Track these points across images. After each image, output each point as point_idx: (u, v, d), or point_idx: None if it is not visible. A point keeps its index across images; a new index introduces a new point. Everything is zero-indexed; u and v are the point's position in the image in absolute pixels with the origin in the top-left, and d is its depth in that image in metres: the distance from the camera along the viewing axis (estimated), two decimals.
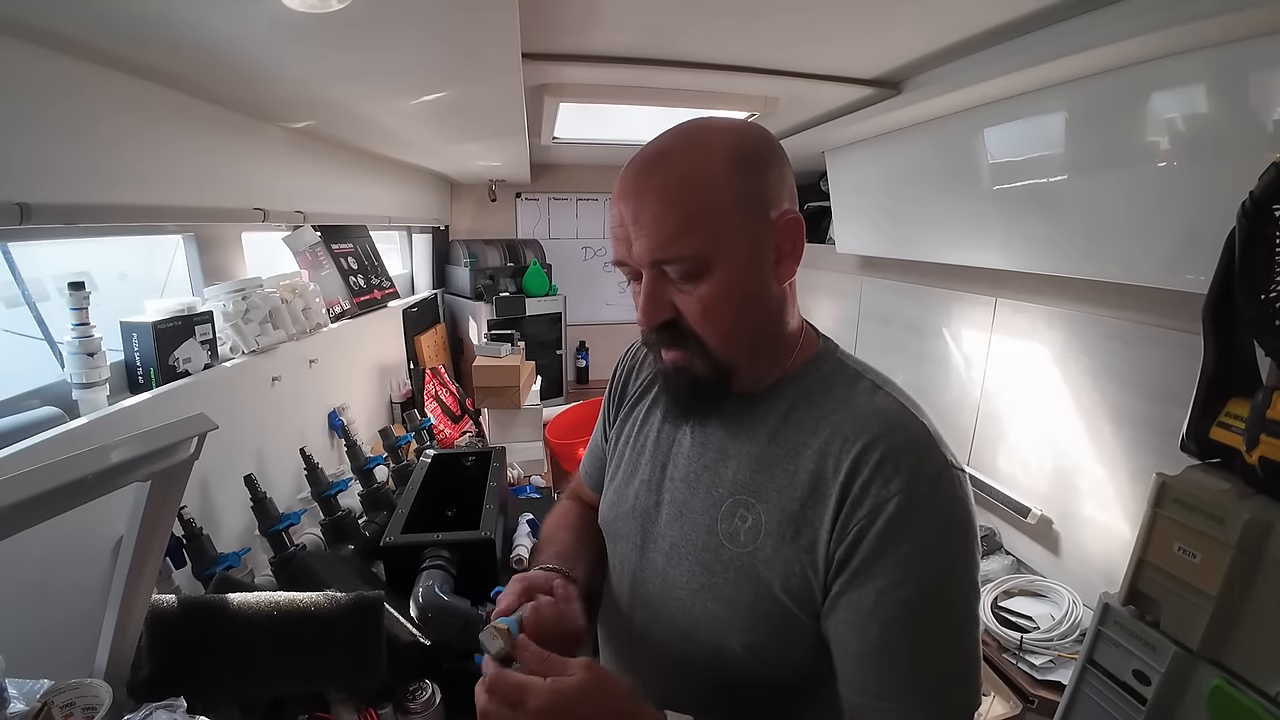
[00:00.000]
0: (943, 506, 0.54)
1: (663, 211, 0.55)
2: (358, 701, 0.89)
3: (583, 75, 1.50)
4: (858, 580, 0.54)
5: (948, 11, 1.15)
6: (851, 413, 0.59)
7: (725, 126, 0.59)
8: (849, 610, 0.55)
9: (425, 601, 0.96)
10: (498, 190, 3.15)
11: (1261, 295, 0.78)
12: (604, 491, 0.80)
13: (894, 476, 0.54)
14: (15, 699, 0.64)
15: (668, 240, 0.55)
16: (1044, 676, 1.29)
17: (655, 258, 0.56)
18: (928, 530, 0.53)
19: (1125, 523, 1.36)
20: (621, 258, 0.59)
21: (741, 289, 0.58)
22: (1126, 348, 1.36)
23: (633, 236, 0.57)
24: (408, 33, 0.90)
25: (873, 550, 0.54)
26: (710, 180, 0.55)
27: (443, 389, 2.28)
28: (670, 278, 0.58)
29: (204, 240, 1.38)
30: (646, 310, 0.58)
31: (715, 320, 0.58)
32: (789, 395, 0.63)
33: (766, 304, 0.61)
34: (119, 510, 0.73)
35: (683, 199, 0.55)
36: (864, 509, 0.54)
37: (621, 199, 0.58)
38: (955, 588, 0.55)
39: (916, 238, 1.99)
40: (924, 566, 0.53)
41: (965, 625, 0.55)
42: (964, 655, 0.55)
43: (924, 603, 0.53)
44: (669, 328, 0.60)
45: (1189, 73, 1.04)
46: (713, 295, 0.57)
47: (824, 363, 0.65)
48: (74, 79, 0.87)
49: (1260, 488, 0.80)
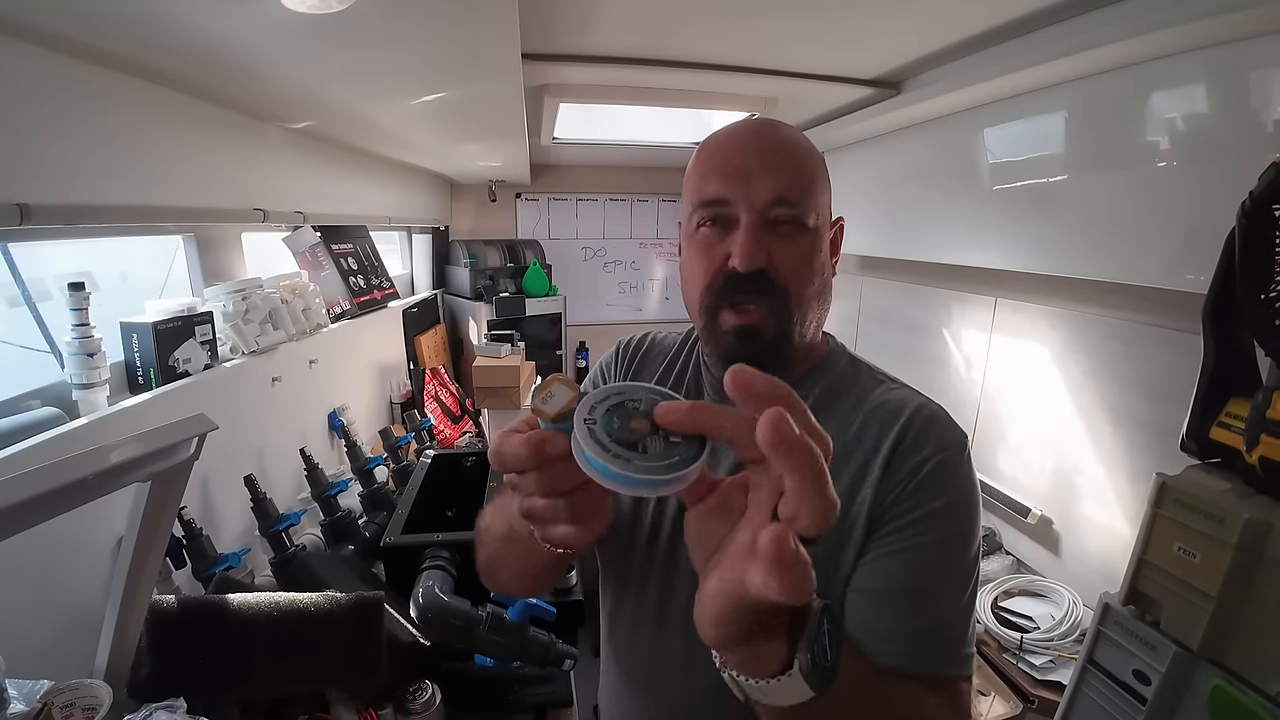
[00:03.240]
0: (965, 472, 0.59)
1: (795, 159, 0.60)
2: (358, 702, 0.89)
3: (582, 75, 1.50)
4: (889, 529, 0.57)
5: (947, 11, 1.16)
6: (881, 402, 0.63)
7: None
8: (874, 554, 0.58)
9: (425, 602, 0.96)
10: (498, 191, 3.15)
11: (1261, 295, 0.78)
12: None
13: (925, 445, 0.59)
14: (15, 699, 0.64)
15: (797, 183, 0.59)
16: (1044, 676, 1.28)
17: (781, 194, 0.58)
18: (955, 489, 0.58)
19: (1125, 523, 1.36)
20: (725, 195, 0.60)
21: (823, 257, 0.63)
22: (1126, 348, 1.36)
23: (757, 173, 0.59)
24: (408, 33, 0.90)
25: (907, 504, 0.57)
26: (817, 158, 0.63)
27: (443, 389, 2.28)
28: (770, 226, 0.59)
29: (204, 240, 1.38)
30: (750, 249, 0.58)
31: (809, 273, 0.61)
32: (814, 387, 0.66)
33: (829, 285, 0.65)
34: (119, 510, 0.73)
35: (806, 158, 0.61)
36: (902, 472, 0.58)
37: (748, 139, 0.61)
38: (969, 548, 0.58)
39: (916, 238, 1.99)
40: (948, 520, 0.57)
41: (971, 589, 0.58)
42: (966, 611, 0.58)
43: (944, 552, 0.57)
44: (759, 277, 0.60)
45: (1189, 73, 1.04)
46: (811, 249, 0.61)
47: (839, 358, 0.69)
48: (74, 80, 0.87)
49: (1260, 488, 0.80)
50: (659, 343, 0.81)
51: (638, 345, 0.82)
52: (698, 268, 0.63)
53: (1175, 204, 1.13)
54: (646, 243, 3.46)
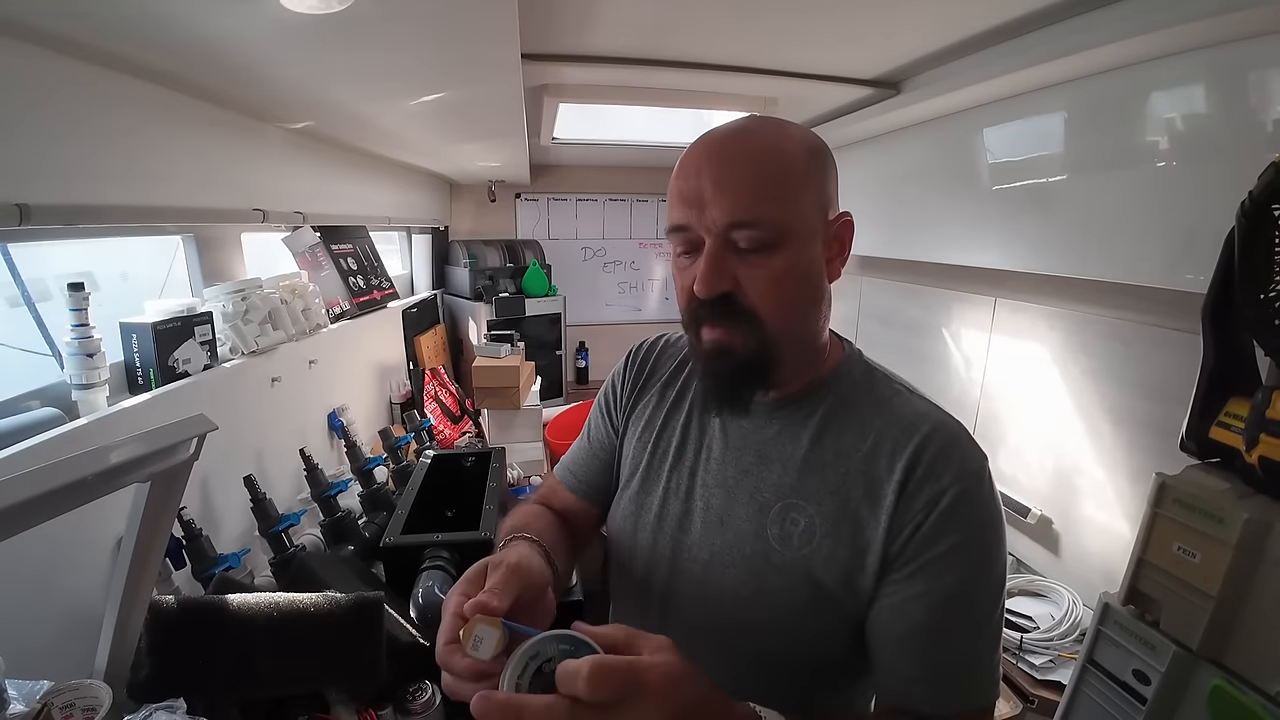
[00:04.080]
0: (986, 500, 0.58)
1: (750, 174, 0.56)
2: (358, 702, 0.89)
3: (582, 75, 1.50)
4: (909, 569, 0.56)
5: (947, 11, 1.16)
6: (895, 416, 0.61)
7: (797, 125, 0.62)
8: (897, 597, 0.57)
9: (425, 602, 0.96)
10: (497, 191, 3.15)
11: (1261, 295, 0.78)
12: (616, 500, 0.76)
13: (945, 473, 0.56)
14: (15, 700, 0.64)
15: (754, 202, 0.55)
16: (1044, 676, 1.28)
17: (735, 219, 0.55)
18: (974, 522, 0.56)
19: (1125, 522, 1.36)
20: (686, 222, 0.58)
21: (805, 271, 0.59)
22: (1126, 348, 1.36)
23: (710, 199, 0.56)
24: (407, 33, 0.90)
25: (925, 541, 0.56)
26: (794, 160, 0.57)
27: (442, 389, 2.28)
28: (737, 248, 0.57)
29: (203, 241, 1.38)
30: (709, 277, 0.56)
31: (779, 296, 0.58)
32: (827, 399, 0.64)
33: (820, 296, 0.62)
34: (119, 510, 0.73)
35: (770, 167, 0.56)
36: (919, 504, 0.56)
37: (703, 159, 0.57)
38: (992, 580, 0.57)
39: (916, 238, 1.99)
40: (970, 556, 0.56)
41: (996, 619, 0.58)
42: (994, 646, 0.58)
43: (967, 591, 0.56)
44: (725, 302, 0.58)
45: (1188, 73, 1.04)
46: (782, 269, 0.57)
47: (854, 366, 0.67)
48: (74, 80, 0.86)
49: (1260, 487, 0.80)
50: (671, 344, 0.80)
51: (647, 352, 0.81)
52: (678, 290, 0.63)
53: (1175, 204, 1.13)
54: (646, 243, 3.46)
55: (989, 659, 0.58)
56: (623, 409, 0.79)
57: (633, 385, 0.79)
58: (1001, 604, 0.58)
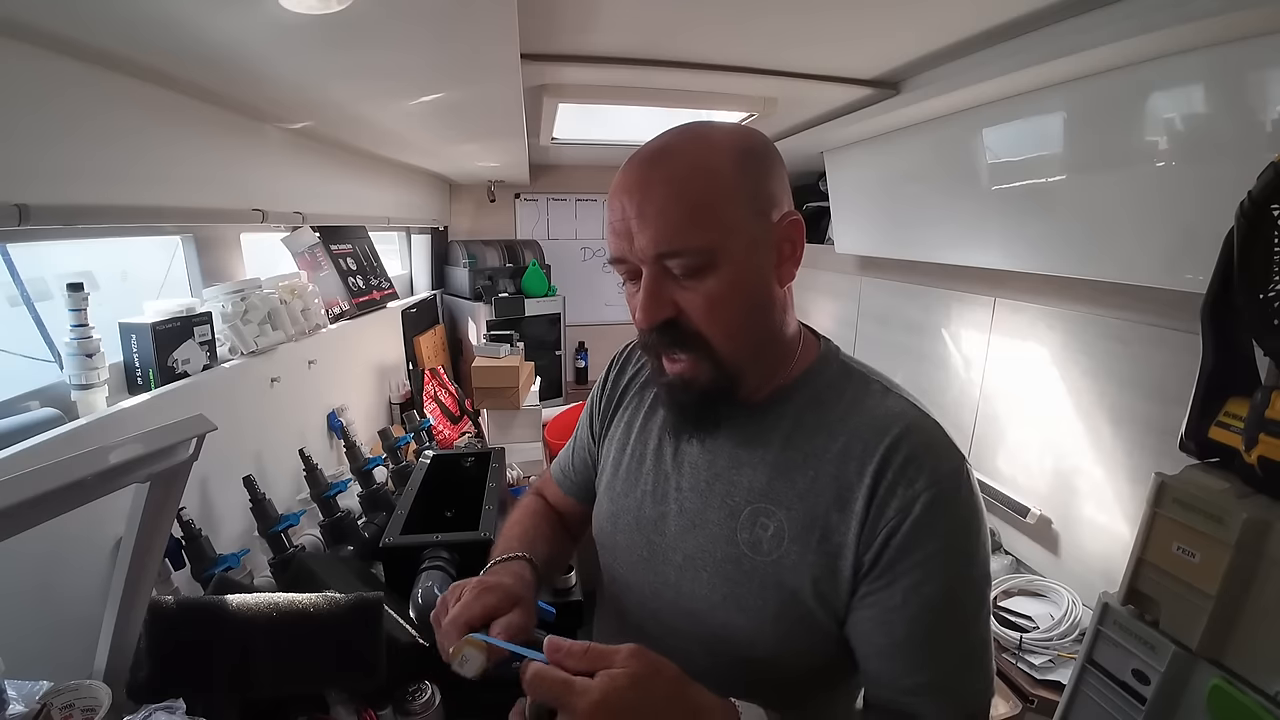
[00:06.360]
0: (963, 504, 0.56)
1: (670, 203, 0.54)
2: (357, 703, 0.89)
3: (582, 76, 1.50)
4: (885, 579, 0.55)
5: (946, 11, 1.15)
6: (867, 416, 0.59)
7: (727, 127, 0.59)
8: (877, 608, 0.56)
9: (425, 602, 0.96)
10: (497, 191, 3.15)
11: (1260, 295, 0.78)
12: (598, 499, 0.77)
13: (917, 477, 0.55)
14: (14, 700, 0.63)
15: (675, 232, 0.54)
16: (1043, 676, 1.29)
17: (660, 250, 0.54)
18: (951, 527, 0.55)
19: (1124, 522, 1.36)
20: (621, 254, 0.57)
21: (746, 286, 0.57)
22: (1125, 348, 1.36)
23: (636, 230, 0.55)
24: (407, 33, 0.90)
25: (900, 549, 0.54)
26: (717, 175, 0.55)
27: (442, 390, 2.28)
28: (673, 274, 0.56)
29: (203, 241, 1.38)
30: (646, 307, 0.56)
31: (720, 318, 0.56)
32: (797, 400, 0.63)
33: (769, 305, 0.60)
34: (119, 511, 0.73)
35: (690, 191, 0.54)
36: (891, 510, 0.55)
37: (624, 191, 0.56)
38: (974, 581, 0.56)
39: (915, 238, 1.99)
40: (948, 562, 0.55)
41: (983, 617, 0.57)
42: (984, 645, 0.57)
43: (948, 598, 0.55)
44: (670, 328, 0.57)
45: (1188, 73, 1.04)
46: (718, 291, 0.55)
47: (828, 366, 0.65)
48: (73, 80, 0.86)
49: (1259, 487, 0.80)
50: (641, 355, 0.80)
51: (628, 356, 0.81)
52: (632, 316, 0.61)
53: (1174, 204, 1.13)
54: None
55: (980, 657, 0.57)
56: (605, 412, 0.80)
57: (614, 388, 0.80)
58: (988, 598, 0.57)
